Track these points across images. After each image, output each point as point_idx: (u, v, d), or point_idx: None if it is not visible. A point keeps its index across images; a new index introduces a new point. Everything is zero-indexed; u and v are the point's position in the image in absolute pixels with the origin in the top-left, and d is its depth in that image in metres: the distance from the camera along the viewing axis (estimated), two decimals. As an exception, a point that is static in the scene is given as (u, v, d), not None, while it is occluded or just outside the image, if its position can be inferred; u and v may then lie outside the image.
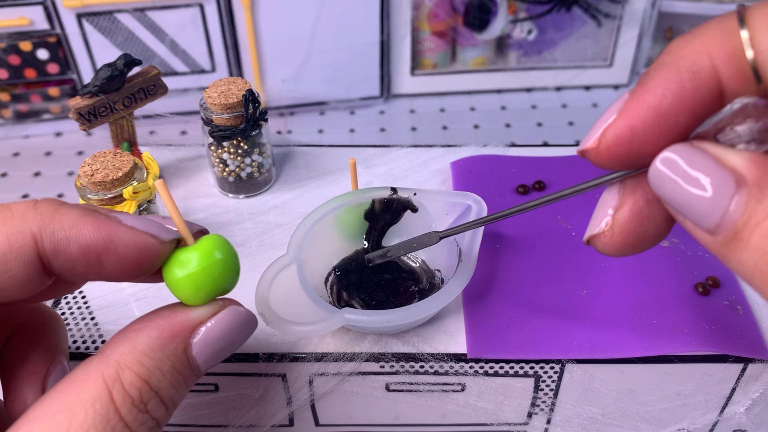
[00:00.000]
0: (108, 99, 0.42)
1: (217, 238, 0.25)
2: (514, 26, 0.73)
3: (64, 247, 0.22)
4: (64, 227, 0.22)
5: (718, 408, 0.36)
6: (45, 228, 0.22)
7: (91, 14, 0.64)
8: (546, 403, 0.36)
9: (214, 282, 0.24)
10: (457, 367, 0.34)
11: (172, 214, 0.24)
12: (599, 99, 0.75)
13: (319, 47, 0.70)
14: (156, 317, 0.24)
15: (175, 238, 0.24)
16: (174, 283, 0.24)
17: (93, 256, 0.22)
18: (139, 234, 0.23)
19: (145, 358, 0.22)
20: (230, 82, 0.42)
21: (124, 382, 0.22)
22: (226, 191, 0.45)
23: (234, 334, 0.25)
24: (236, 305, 0.25)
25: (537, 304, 0.36)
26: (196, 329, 0.24)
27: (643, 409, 0.36)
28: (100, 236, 0.22)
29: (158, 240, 0.23)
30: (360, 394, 0.36)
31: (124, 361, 0.22)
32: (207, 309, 0.24)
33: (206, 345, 0.24)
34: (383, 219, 0.38)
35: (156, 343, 0.23)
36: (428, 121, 0.72)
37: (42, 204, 0.23)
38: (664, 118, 0.20)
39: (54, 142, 0.69)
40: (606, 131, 0.21)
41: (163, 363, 0.23)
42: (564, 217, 0.41)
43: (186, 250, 0.24)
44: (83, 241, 0.22)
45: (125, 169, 0.37)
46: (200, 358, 0.24)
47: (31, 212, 0.22)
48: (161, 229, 0.24)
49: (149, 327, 0.23)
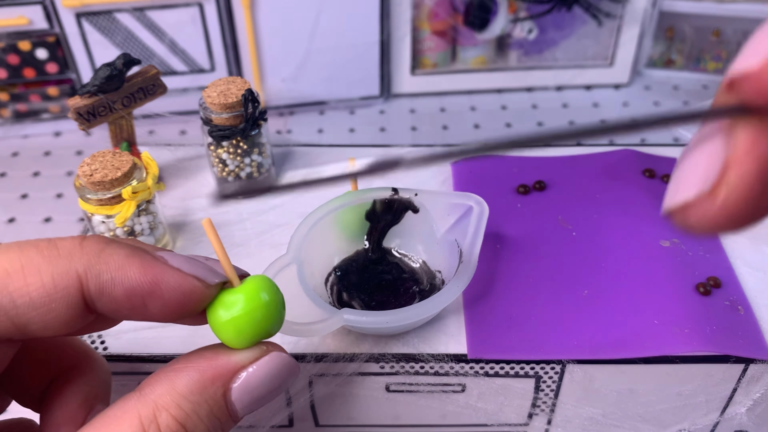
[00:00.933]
0: (107, 99, 0.42)
1: (263, 279, 0.24)
2: (514, 26, 0.73)
3: (109, 289, 0.22)
4: (110, 269, 0.22)
5: (719, 408, 0.36)
6: (91, 269, 0.21)
7: (90, 14, 0.64)
8: (546, 404, 0.36)
9: (258, 325, 0.23)
10: (458, 367, 0.34)
11: (219, 256, 0.24)
12: (600, 98, 0.75)
13: (318, 47, 0.70)
14: (198, 358, 0.23)
15: (222, 281, 0.24)
16: (218, 325, 0.23)
17: (138, 299, 0.22)
18: (185, 277, 0.23)
19: (184, 400, 0.22)
20: (229, 82, 0.42)
21: (161, 423, 0.21)
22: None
23: (276, 381, 0.24)
24: (280, 351, 0.24)
25: (538, 304, 0.36)
26: (237, 374, 0.23)
27: (643, 410, 0.36)
28: (146, 279, 0.22)
29: (204, 283, 0.23)
30: (360, 394, 0.36)
31: (162, 402, 0.21)
32: (250, 353, 0.24)
33: (246, 391, 0.23)
34: (384, 219, 0.38)
35: (196, 386, 0.22)
36: (428, 120, 0.72)
37: (89, 242, 0.22)
38: None
39: (53, 141, 0.69)
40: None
41: (201, 407, 0.22)
42: (565, 217, 0.41)
43: (231, 292, 0.24)
44: (129, 284, 0.22)
45: (124, 169, 0.37)
46: (239, 404, 0.23)
47: (78, 251, 0.22)
48: (208, 271, 0.23)
49: (190, 368, 0.22)
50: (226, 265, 0.24)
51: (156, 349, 0.34)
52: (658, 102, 0.74)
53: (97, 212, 0.37)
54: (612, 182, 0.44)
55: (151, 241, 0.39)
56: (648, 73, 0.77)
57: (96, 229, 0.38)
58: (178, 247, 0.41)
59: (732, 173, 0.16)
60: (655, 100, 0.74)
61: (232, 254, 0.40)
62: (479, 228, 0.35)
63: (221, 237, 0.41)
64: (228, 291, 0.24)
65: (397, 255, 0.39)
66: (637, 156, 0.45)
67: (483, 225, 0.35)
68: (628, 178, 0.43)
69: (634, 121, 0.17)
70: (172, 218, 0.43)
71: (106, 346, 0.35)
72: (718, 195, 0.16)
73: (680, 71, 0.76)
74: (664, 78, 0.77)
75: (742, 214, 0.16)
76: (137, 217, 0.38)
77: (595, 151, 0.47)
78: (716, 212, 0.17)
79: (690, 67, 0.76)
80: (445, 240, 0.37)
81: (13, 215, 0.60)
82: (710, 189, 0.16)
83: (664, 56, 0.77)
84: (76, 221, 0.59)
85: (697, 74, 0.76)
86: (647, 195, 0.42)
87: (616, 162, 0.45)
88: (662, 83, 0.76)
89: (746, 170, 0.16)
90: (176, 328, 0.24)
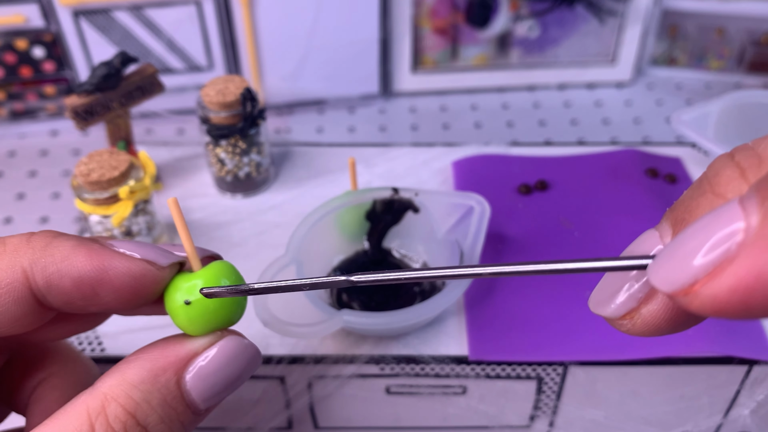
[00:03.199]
0: (104, 97, 0.41)
1: (224, 264, 0.23)
2: (516, 24, 0.73)
3: (57, 281, 0.21)
4: (55, 260, 0.21)
5: (723, 410, 0.36)
6: (36, 262, 0.21)
7: (87, 12, 0.64)
8: (548, 406, 0.36)
9: (216, 312, 0.22)
10: (459, 369, 0.34)
11: (182, 237, 0.23)
12: (602, 97, 0.74)
13: (318, 44, 0.69)
14: (150, 348, 0.23)
15: (176, 262, 0.23)
16: (173, 310, 0.23)
17: (87, 288, 0.22)
18: (134, 261, 0.22)
19: (134, 390, 0.21)
20: (228, 80, 0.42)
21: (109, 414, 0.21)
22: (224, 191, 0.44)
23: (234, 368, 0.23)
24: (237, 335, 0.24)
25: (539, 305, 0.36)
26: (191, 361, 0.22)
27: (646, 412, 0.36)
28: (93, 267, 0.21)
29: (156, 266, 0.22)
30: (360, 396, 0.35)
31: (111, 393, 0.21)
32: (205, 340, 0.23)
33: (201, 378, 0.22)
34: (384, 220, 0.38)
35: (146, 375, 0.21)
36: (429, 119, 0.72)
37: (36, 237, 0.22)
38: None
39: (50, 141, 0.69)
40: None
41: (152, 395, 0.21)
42: (567, 217, 0.41)
43: (189, 276, 0.23)
44: (75, 273, 0.21)
45: (121, 168, 0.36)
46: (195, 392, 0.22)
47: (24, 246, 0.21)
48: (159, 253, 0.23)
49: (141, 359, 0.22)
50: (187, 246, 0.23)
51: (153, 351, 0.34)
52: (661, 100, 0.73)
53: (93, 212, 0.36)
54: (614, 182, 0.43)
55: (149, 242, 0.39)
56: (650, 72, 0.77)
57: (93, 229, 0.38)
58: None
59: (645, 309, 0.18)
60: (657, 98, 0.74)
61: (230, 254, 0.39)
62: (480, 228, 0.35)
63: (219, 237, 0.41)
64: (185, 275, 0.23)
65: (397, 255, 0.39)
66: (639, 156, 0.45)
67: (484, 225, 0.35)
68: (631, 178, 0.43)
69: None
70: (169, 218, 0.42)
71: (103, 347, 0.34)
72: (634, 322, 0.18)
73: (683, 69, 0.76)
74: (667, 76, 0.76)
75: (659, 331, 0.18)
76: (134, 216, 0.38)
77: (598, 151, 0.46)
78: (632, 330, 0.19)
79: (693, 66, 0.76)
80: (446, 240, 0.36)
81: (9, 215, 0.60)
82: (626, 315, 0.18)
83: (667, 54, 0.76)
84: (72, 221, 0.59)
85: (700, 72, 0.75)
86: (650, 195, 0.42)
87: (619, 162, 0.45)
88: (665, 82, 0.76)
89: (657, 308, 0.18)
90: (172, 328, 0.23)
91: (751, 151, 0.16)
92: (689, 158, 0.46)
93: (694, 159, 0.46)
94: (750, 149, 0.16)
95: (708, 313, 0.15)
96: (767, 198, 0.14)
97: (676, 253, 0.16)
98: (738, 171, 0.16)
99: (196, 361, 0.22)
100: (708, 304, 0.15)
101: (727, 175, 0.16)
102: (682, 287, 0.15)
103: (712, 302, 0.14)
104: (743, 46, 0.72)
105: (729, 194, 0.16)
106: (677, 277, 0.15)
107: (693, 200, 0.17)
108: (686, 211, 0.17)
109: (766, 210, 0.14)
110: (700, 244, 0.15)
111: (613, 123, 0.70)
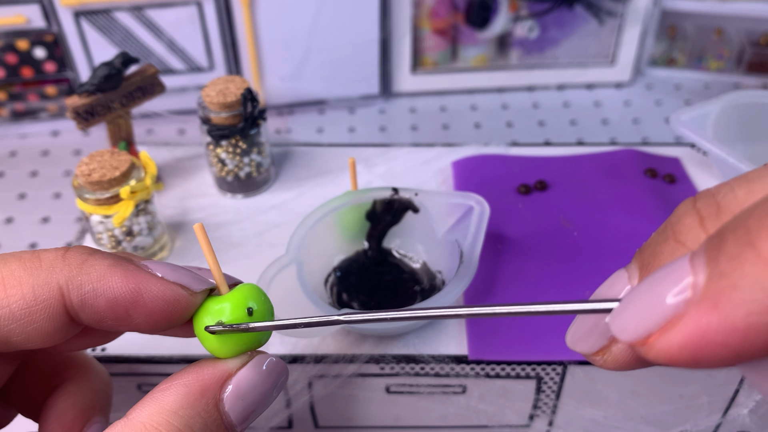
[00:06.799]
0: (105, 98, 0.41)
1: (252, 287, 0.24)
2: (515, 24, 0.73)
3: (92, 300, 0.21)
4: (91, 279, 0.21)
5: (722, 410, 0.36)
6: (72, 280, 0.21)
7: (88, 12, 0.64)
8: (548, 405, 0.36)
9: (245, 335, 0.23)
10: (458, 368, 0.34)
11: (209, 262, 0.23)
12: (601, 97, 0.74)
13: (318, 45, 0.69)
14: (183, 374, 0.22)
15: (208, 288, 0.23)
16: (203, 334, 0.23)
17: (121, 310, 0.22)
18: (169, 285, 0.22)
19: (174, 416, 0.21)
20: (228, 81, 0.42)
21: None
22: (225, 191, 0.44)
23: (267, 385, 0.23)
24: (264, 354, 0.24)
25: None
26: (226, 383, 0.22)
27: (645, 411, 0.36)
28: (128, 289, 0.21)
29: (189, 291, 0.22)
30: (360, 396, 0.35)
31: (150, 421, 0.21)
32: (237, 361, 0.23)
33: (238, 398, 0.22)
34: (384, 220, 0.38)
35: (184, 401, 0.21)
36: (429, 119, 0.72)
37: (72, 253, 0.22)
38: None
39: (51, 141, 0.69)
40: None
41: (193, 420, 0.21)
42: (566, 217, 0.41)
43: (218, 300, 0.23)
44: (111, 294, 0.21)
45: (122, 168, 0.36)
46: (233, 413, 0.22)
47: (60, 263, 0.21)
48: (192, 279, 0.23)
49: (176, 385, 0.22)
50: (215, 272, 0.23)
51: (155, 351, 0.34)
52: (660, 101, 0.73)
53: (95, 212, 0.37)
54: (614, 182, 0.43)
55: (150, 241, 0.39)
56: (650, 72, 0.77)
57: (94, 229, 0.38)
58: (177, 247, 0.41)
59: (615, 348, 0.18)
60: (656, 98, 0.74)
61: (230, 254, 0.40)
62: (480, 228, 0.35)
63: (219, 237, 0.41)
64: (214, 298, 0.23)
65: (397, 255, 0.39)
66: (638, 156, 0.45)
67: (484, 225, 0.35)
68: (630, 178, 0.43)
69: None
70: (170, 218, 0.43)
71: (104, 347, 0.34)
72: (605, 359, 0.18)
73: (682, 70, 0.76)
74: (666, 77, 0.76)
75: (630, 367, 0.18)
76: (135, 216, 0.38)
77: (597, 151, 0.47)
78: (604, 365, 0.18)
79: (692, 66, 0.76)
80: (445, 240, 0.36)
81: (11, 215, 0.60)
82: (599, 351, 0.18)
83: (666, 55, 0.76)
84: (74, 221, 0.59)
85: (699, 73, 0.76)
86: (649, 195, 0.42)
87: (618, 162, 0.45)
88: (664, 82, 0.76)
89: (625, 349, 0.18)
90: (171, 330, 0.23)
91: (712, 199, 0.16)
92: (688, 158, 0.46)
93: (693, 159, 0.46)
94: (711, 197, 0.16)
95: (663, 363, 0.15)
96: (714, 258, 0.14)
97: (632, 305, 0.16)
98: (698, 219, 0.16)
99: (231, 382, 0.22)
100: (662, 355, 0.15)
101: (687, 223, 0.16)
102: (639, 338, 0.15)
103: (665, 354, 0.15)
104: (742, 47, 0.72)
105: (689, 242, 0.16)
106: (633, 329, 0.16)
107: (657, 245, 0.17)
108: (652, 255, 0.17)
109: (712, 269, 0.14)
110: (653, 298, 0.15)
111: (612, 123, 0.70)
